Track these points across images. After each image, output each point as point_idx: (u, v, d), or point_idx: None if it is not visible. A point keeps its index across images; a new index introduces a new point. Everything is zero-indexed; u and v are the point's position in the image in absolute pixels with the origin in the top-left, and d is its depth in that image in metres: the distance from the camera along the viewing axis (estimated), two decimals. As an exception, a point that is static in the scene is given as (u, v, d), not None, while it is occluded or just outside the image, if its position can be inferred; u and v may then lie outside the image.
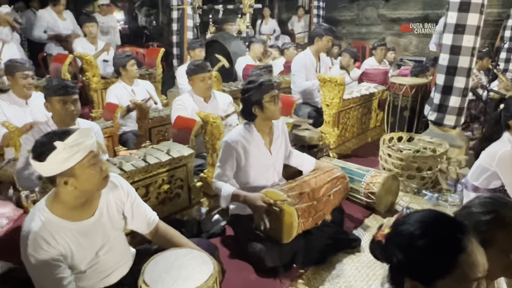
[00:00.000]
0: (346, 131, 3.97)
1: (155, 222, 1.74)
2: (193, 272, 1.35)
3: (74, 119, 2.39)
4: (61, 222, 1.42)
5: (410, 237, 0.95)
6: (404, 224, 0.99)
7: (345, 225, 2.60)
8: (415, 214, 1.02)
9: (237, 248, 2.37)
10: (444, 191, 3.16)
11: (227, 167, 2.30)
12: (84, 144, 1.35)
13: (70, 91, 2.29)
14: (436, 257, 0.91)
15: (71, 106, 2.30)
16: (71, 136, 1.33)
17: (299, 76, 4.08)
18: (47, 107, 2.35)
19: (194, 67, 3.08)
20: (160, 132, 3.50)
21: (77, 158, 1.33)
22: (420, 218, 0.98)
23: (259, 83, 2.23)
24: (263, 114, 2.26)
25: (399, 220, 1.03)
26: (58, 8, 5.23)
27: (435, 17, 7.51)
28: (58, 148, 1.30)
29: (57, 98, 2.28)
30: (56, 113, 2.34)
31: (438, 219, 0.98)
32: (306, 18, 8.39)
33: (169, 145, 2.59)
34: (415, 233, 0.94)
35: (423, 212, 1.02)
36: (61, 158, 1.31)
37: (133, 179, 2.24)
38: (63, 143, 1.31)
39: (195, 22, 5.97)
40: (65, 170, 1.33)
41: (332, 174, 2.41)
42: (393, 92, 4.07)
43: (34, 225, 1.38)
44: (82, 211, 1.48)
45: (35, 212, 1.43)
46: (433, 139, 3.44)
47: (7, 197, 2.83)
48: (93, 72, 4.19)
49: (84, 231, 1.48)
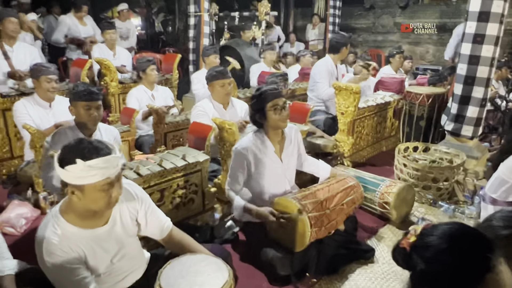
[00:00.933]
0: (361, 139, 3.95)
1: (169, 229, 1.74)
2: (209, 278, 1.36)
3: (96, 124, 2.45)
4: (75, 229, 1.44)
5: (436, 250, 0.94)
6: (432, 235, 0.97)
7: (358, 235, 2.58)
8: (443, 226, 1.00)
9: (250, 255, 2.37)
10: (461, 203, 3.11)
11: (239, 175, 2.32)
12: (104, 171, 1.35)
13: (95, 97, 2.35)
14: (462, 274, 0.90)
15: (95, 111, 2.36)
16: (95, 160, 1.33)
17: (324, 84, 4.06)
18: (71, 110, 2.41)
19: (215, 73, 3.13)
20: (175, 137, 3.54)
21: (91, 180, 1.34)
22: (449, 232, 0.96)
23: (261, 92, 2.24)
24: (267, 123, 2.27)
25: (426, 230, 1.01)
26: (79, 14, 5.38)
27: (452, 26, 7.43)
28: (77, 165, 1.32)
29: (82, 103, 2.34)
30: (80, 117, 2.39)
31: (468, 235, 0.95)
32: (320, 26, 8.40)
33: (185, 150, 2.62)
34: (442, 247, 0.93)
35: (452, 225, 1.00)
36: (77, 174, 1.33)
37: (149, 184, 2.27)
38: (84, 163, 1.32)
39: (211, 29, 6.04)
40: (77, 184, 1.35)
41: (345, 183, 2.40)
42: (409, 101, 4.04)
43: (48, 232, 1.40)
44: (95, 219, 1.49)
45: (49, 219, 1.44)
46: (450, 149, 3.39)
47: (26, 198, 2.89)
48: (111, 77, 4.28)
49: (98, 239, 1.49)
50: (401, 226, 2.80)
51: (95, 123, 2.43)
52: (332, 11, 7.81)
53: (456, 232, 0.96)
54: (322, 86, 4.08)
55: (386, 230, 2.77)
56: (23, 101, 3.04)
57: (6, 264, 1.69)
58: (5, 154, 3.44)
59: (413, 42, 8.30)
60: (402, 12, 8.32)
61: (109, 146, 1.42)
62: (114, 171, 1.38)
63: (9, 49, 3.73)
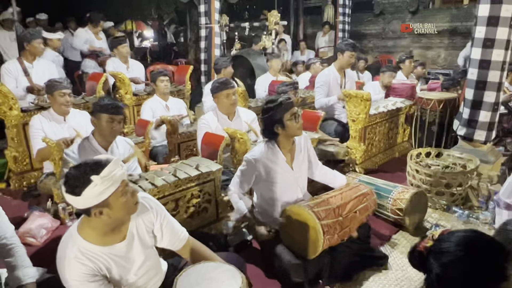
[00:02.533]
0: (373, 146, 3.96)
1: (186, 239, 1.75)
2: (223, 285, 1.39)
3: (115, 137, 2.55)
4: (94, 248, 1.46)
5: (453, 256, 0.95)
6: (449, 241, 0.99)
7: (372, 241, 2.58)
8: (460, 233, 1.02)
9: (263, 262, 2.40)
10: (475, 208, 3.08)
11: (245, 181, 2.40)
12: (118, 175, 1.38)
13: (120, 111, 2.46)
14: (477, 281, 0.92)
15: (117, 125, 2.47)
16: (106, 169, 1.35)
17: (318, 93, 4.11)
18: (93, 121, 2.50)
19: (218, 84, 3.16)
20: (188, 147, 3.61)
21: (112, 190, 1.36)
22: (466, 239, 0.98)
23: (279, 102, 2.27)
24: (285, 132, 2.30)
25: (444, 235, 1.03)
26: (96, 29, 5.56)
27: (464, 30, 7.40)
28: (94, 182, 1.32)
29: (107, 116, 2.43)
30: (101, 129, 2.48)
31: (484, 244, 0.97)
32: (331, 34, 8.45)
33: (198, 160, 2.67)
34: (459, 254, 0.95)
35: (469, 233, 1.01)
36: (97, 191, 1.33)
37: (164, 194, 2.32)
38: (99, 176, 1.33)
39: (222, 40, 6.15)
40: (100, 202, 1.36)
41: (358, 191, 2.41)
42: (421, 106, 4.03)
43: (69, 252, 1.42)
44: (114, 235, 1.51)
45: (69, 240, 1.46)
46: (463, 154, 3.37)
47: (46, 209, 2.98)
48: (125, 90, 4.40)
49: (117, 255, 1.52)
50: (415, 233, 2.79)
51: (115, 136, 2.53)
52: (342, 18, 7.86)
53: (473, 240, 0.98)
54: (316, 95, 4.12)
55: (399, 237, 2.76)
56: (39, 116, 3.15)
57: (27, 273, 1.77)
58: (25, 166, 3.56)
59: (424, 46, 8.27)
60: (412, 17, 8.31)
61: (102, 156, 1.46)
62: (123, 171, 1.42)
63: (29, 65, 3.88)
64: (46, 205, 3.01)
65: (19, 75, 3.81)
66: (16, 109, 3.42)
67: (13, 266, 1.77)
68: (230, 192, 2.43)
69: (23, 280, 1.74)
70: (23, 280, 1.74)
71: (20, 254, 1.83)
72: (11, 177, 3.58)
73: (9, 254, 1.80)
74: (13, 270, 1.76)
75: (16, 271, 1.76)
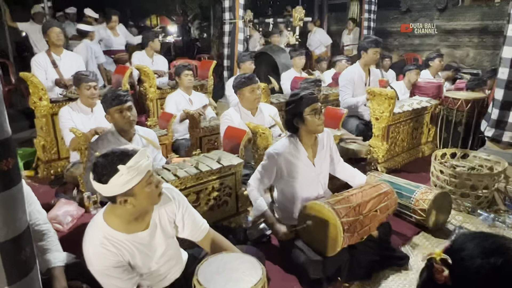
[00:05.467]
0: (396, 145, 3.89)
1: (206, 230, 1.78)
2: (243, 275, 1.41)
3: (132, 125, 2.57)
4: (119, 235, 1.51)
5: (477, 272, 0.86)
6: (465, 250, 0.90)
7: (392, 241, 2.54)
8: (474, 241, 0.92)
9: (281, 257, 2.40)
10: (502, 212, 2.99)
11: (266, 176, 2.38)
12: (143, 166, 1.42)
13: (123, 99, 2.48)
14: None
15: (127, 113, 2.49)
16: (132, 159, 1.39)
17: (345, 92, 4.07)
18: (108, 118, 2.56)
19: (244, 79, 3.17)
20: (210, 141, 3.64)
21: (137, 179, 1.40)
22: (484, 249, 0.89)
23: (300, 96, 2.27)
24: (305, 127, 2.30)
25: (454, 246, 0.94)
26: (111, 25, 5.65)
27: (495, 28, 7.15)
28: (121, 171, 1.37)
29: (114, 108, 2.48)
30: (117, 123, 2.53)
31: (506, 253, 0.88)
32: (356, 31, 8.32)
33: (220, 153, 2.70)
34: (485, 268, 0.86)
35: (486, 240, 0.92)
36: (123, 180, 1.38)
37: (185, 185, 2.36)
38: (125, 166, 1.37)
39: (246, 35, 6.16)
40: (126, 191, 1.41)
41: (379, 189, 2.38)
42: (447, 106, 3.93)
43: (94, 238, 1.48)
44: (137, 224, 1.55)
45: (95, 226, 1.52)
46: (490, 156, 3.27)
47: (72, 197, 3.08)
48: (150, 83, 4.47)
49: (140, 243, 1.56)
50: (437, 234, 2.73)
51: (131, 125, 2.54)
52: (367, 15, 7.72)
53: (492, 248, 0.89)
54: (343, 94, 4.07)
55: (421, 238, 2.71)
56: (68, 107, 3.24)
57: (56, 256, 1.83)
58: (53, 155, 3.67)
59: (452, 45, 8.03)
60: (441, 14, 8.09)
61: (129, 146, 1.51)
62: (148, 162, 1.45)
63: (57, 58, 3.99)
64: (72, 193, 3.11)
65: (48, 67, 3.93)
66: (45, 100, 3.53)
67: (45, 249, 1.84)
68: (250, 188, 2.43)
69: (53, 263, 1.81)
70: (53, 263, 1.80)
71: (52, 239, 1.90)
72: (39, 165, 3.71)
73: (42, 238, 1.86)
74: (44, 253, 1.83)
75: (47, 254, 1.82)
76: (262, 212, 2.34)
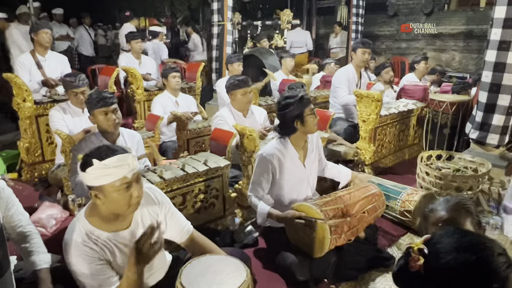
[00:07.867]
0: (383, 147, 3.92)
1: (190, 232, 1.77)
2: (227, 277, 1.39)
3: (116, 128, 2.51)
4: (100, 233, 1.50)
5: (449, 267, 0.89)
6: (442, 244, 0.93)
7: (379, 242, 2.56)
8: (454, 236, 0.95)
9: (269, 259, 2.39)
10: (486, 213, 3.03)
11: (263, 180, 2.33)
12: (119, 169, 1.41)
13: (109, 101, 2.42)
14: None
15: (112, 115, 2.44)
16: (110, 159, 1.40)
17: (342, 90, 4.08)
18: (92, 120, 2.51)
19: (238, 81, 3.17)
20: (197, 143, 3.62)
21: (108, 180, 1.40)
22: (460, 245, 0.92)
23: (300, 97, 2.27)
24: (303, 128, 2.30)
25: (434, 239, 0.97)
26: None
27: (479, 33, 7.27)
28: (94, 165, 1.39)
29: (99, 110, 2.42)
30: (100, 124, 2.47)
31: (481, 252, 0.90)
32: (342, 34, 8.39)
33: (207, 155, 2.68)
34: (465, 259, 0.88)
35: (465, 237, 0.94)
36: (95, 174, 1.40)
37: (172, 188, 2.34)
38: (100, 162, 1.39)
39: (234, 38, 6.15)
40: (97, 185, 1.42)
41: (367, 191, 2.39)
42: (433, 109, 3.98)
43: (75, 235, 1.47)
44: (118, 222, 1.54)
45: (76, 223, 1.51)
46: (475, 158, 3.32)
47: (56, 200, 3.03)
48: (137, 85, 4.43)
49: (121, 242, 1.55)
50: (423, 235, 2.75)
51: (115, 127, 2.49)
52: (355, 18, 7.79)
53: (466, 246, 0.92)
54: (341, 92, 4.09)
55: (407, 239, 2.73)
56: (58, 107, 3.19)
57: (42, 258, 1.81)
58: (37, 157, 3.62)
59: (438, 49, 8.15)
60: (427, 19, 8.20)
61: (125, 149, 1.49)
62: (129, 170, 1.43)
63: (42, 58, 3.93)
64: (56, 196, 3.06)
65: (32, 68, 3.86)
66: (29, 101, 3.47)
67: (29, 251, 1.81)
68: (250, 199, 2.38)
69: (39, 265, 1.78)
70: (38, 265, 1.78)
71: (36, 241, 1.87)
72: (23, 167, 3.64)
73: (25, 240, 1.83)
74: (28, 255, 1.80)
75: (32, 256, 1.80)
76: (266, 214, 2.27)
